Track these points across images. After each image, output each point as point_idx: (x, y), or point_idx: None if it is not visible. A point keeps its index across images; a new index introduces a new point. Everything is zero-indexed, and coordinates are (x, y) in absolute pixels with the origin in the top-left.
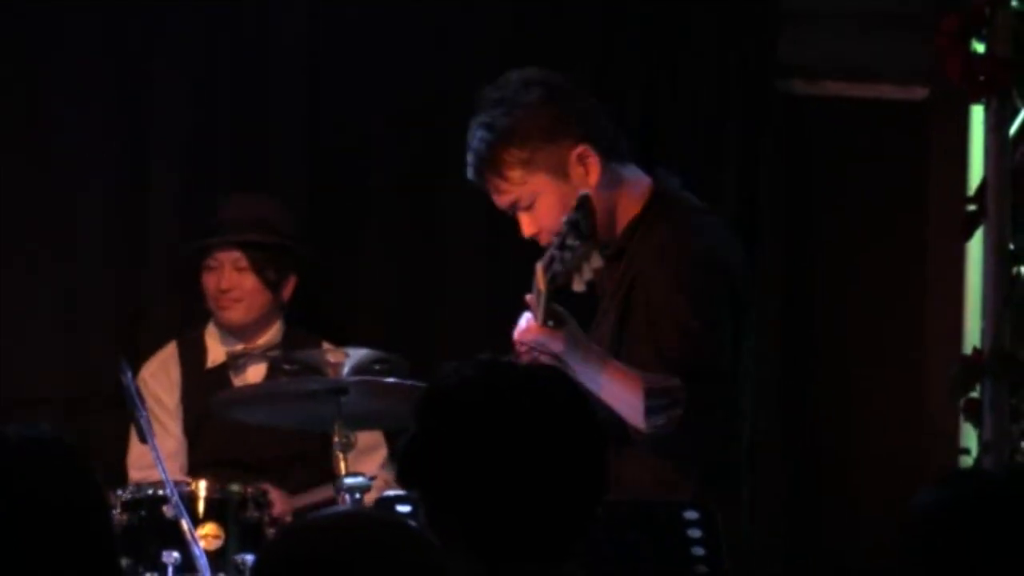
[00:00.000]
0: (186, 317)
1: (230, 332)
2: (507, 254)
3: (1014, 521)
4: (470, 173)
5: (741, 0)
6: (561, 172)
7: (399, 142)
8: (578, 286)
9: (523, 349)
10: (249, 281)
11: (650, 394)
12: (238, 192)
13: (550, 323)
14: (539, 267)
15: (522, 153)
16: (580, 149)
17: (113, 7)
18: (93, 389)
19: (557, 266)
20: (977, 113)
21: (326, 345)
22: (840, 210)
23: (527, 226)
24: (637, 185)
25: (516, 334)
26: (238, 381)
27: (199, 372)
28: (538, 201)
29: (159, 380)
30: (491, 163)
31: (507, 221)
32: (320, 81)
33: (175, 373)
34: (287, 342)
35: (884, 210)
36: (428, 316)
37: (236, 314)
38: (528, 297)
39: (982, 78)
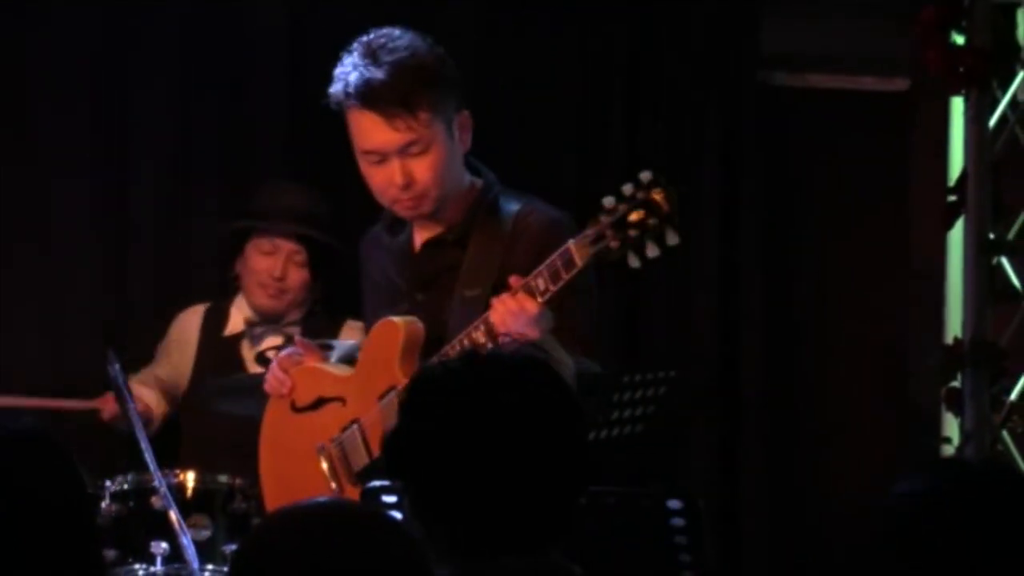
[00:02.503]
0: (172, 306)
1: (262, 313)
2: None
3: (991, 509)
4: (368, 98)
5: None
6: (451, 129)
7: None
8: (634, 263)
9: (506, 340)
10: (300, 276)
11: (578, 383)
12: (287, 181)
13: (547, 307)
14: (572, 245)
15: (434, 96)
16: (465, 113)
17: (94, 3)
18: (76, 382)
19: (611, 242)
20: (957, 104)
21: (350, 322)
22: (822, 201)
23: (399, 175)
24: (466, 171)
25: (505, 307)
26: (249, 354)
27: (215, 338)
28: (431, 150)
29: (183, 327)
30: (404, 96)
31: None
32: (302, 76)
33: (194, 337)
34: (307, 319)
35: (866, 201)
36: None
37: (278, 304)
38: (514, 279)
39: (961, 70)
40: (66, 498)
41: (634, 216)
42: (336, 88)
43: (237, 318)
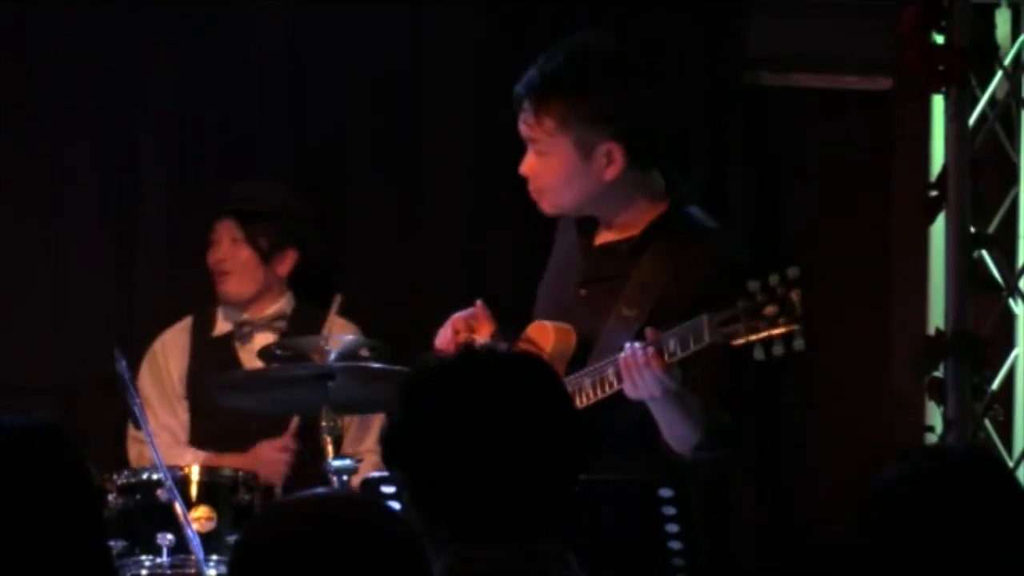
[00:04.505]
0: (180, 303)
1: (232, 306)
2: (486, 244)
3: (971, 497)
4: (519, 87)
5: None
6: (585, 152)
7: (380, 134)
8: (758, 355)
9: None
10: (243, 252)
11: (706, 434)
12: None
13: (675, 366)
14: (706, 320)
15: (566, 111)
16: (610, 146)
17: (105, 9)
18: (85, 376)
19: (739, 327)
20: (938, 102)
21: (333, 315)
22: (806, 197)
23: (527, 165)
24: (655, 190)
25: (633, 360)
26: (244, 351)
27: (205, 341)
28: (551, 156)
29: (170, 351)
30: (537, 98)
31: (488, 212)
32: (304, 82)
33: (185, 343)
34: (296, 314)
35: (850, 197)
36: (408, 306)
37: (231, 286)
38: (649, 330)
39: (942, 68)
40: (75, 490)
41: (768, 310)
42: None
43: (223, 320)
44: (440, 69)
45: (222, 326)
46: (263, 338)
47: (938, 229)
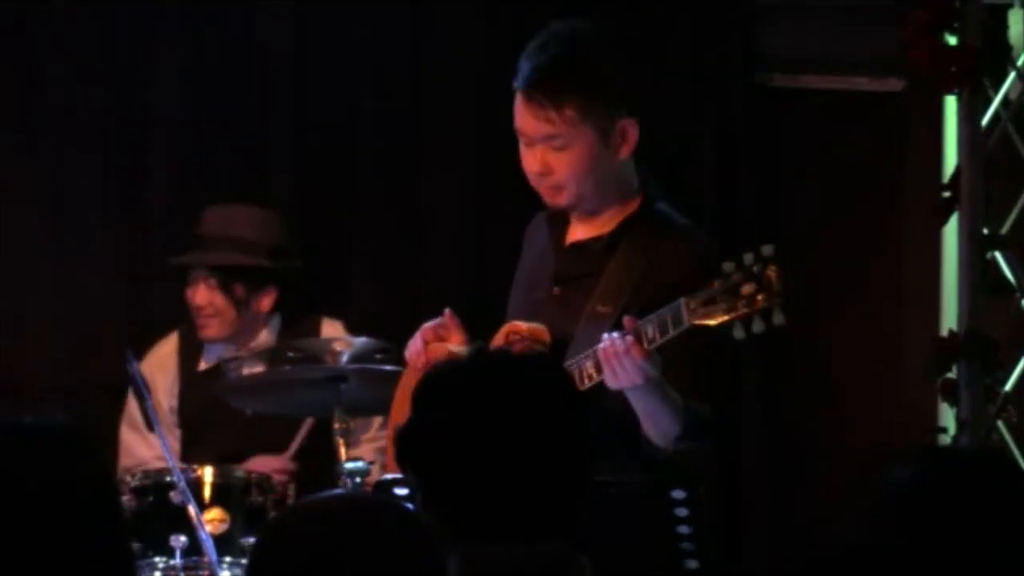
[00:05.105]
0: (183, 303)
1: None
2: (487, 244)
3: (983, 497)
4: (523, 83)
5: None
6: (604, 136)
7: (385, 141)
8: (738, 333)
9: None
10: (219, 299)
11: (687, 426)
12: (218, 205)
13: (654, 353)
14: (683, 302)
15: (586, 98)
16: (624, 124)
17: (107, 9)
18: (91, 377)
19: (718, 308)
20: (951, 104)
21: (325, 320)
22: (818, 200)
23: (542, 163)
24: (634, 183)
25: (613, 349)
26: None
27: (193, 374)
28: (573, 147)
29: (159, 379)
30: (553, 90)
31: (488, 212)
32: (308, 82)
33: (173, 374)
34: (283, 339)
35: (860, 198)
36: (409, 306)
37: (211, 331)
38: (627, 319)
39: (954, 69)
40: (95, 490)
41: (746, 289)
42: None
43: (210, 352)
44: (440, 69)
45: (208, 358)
46: (252, 372)
47: (951, 230)
